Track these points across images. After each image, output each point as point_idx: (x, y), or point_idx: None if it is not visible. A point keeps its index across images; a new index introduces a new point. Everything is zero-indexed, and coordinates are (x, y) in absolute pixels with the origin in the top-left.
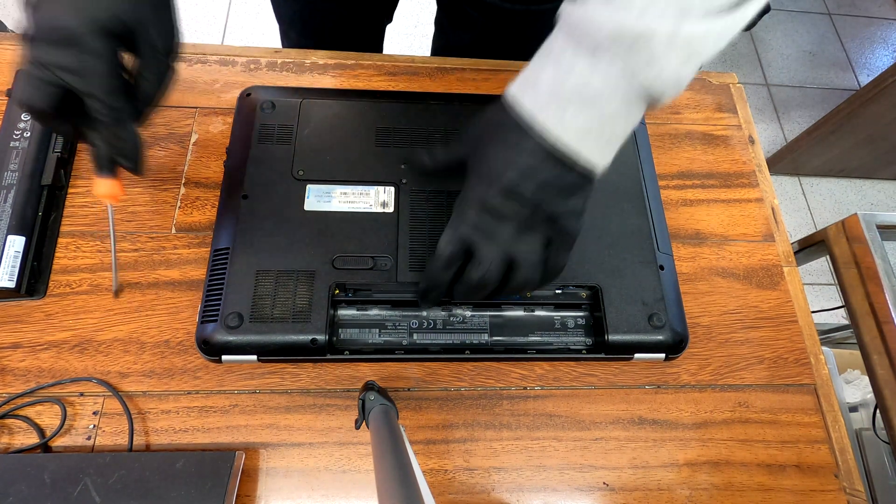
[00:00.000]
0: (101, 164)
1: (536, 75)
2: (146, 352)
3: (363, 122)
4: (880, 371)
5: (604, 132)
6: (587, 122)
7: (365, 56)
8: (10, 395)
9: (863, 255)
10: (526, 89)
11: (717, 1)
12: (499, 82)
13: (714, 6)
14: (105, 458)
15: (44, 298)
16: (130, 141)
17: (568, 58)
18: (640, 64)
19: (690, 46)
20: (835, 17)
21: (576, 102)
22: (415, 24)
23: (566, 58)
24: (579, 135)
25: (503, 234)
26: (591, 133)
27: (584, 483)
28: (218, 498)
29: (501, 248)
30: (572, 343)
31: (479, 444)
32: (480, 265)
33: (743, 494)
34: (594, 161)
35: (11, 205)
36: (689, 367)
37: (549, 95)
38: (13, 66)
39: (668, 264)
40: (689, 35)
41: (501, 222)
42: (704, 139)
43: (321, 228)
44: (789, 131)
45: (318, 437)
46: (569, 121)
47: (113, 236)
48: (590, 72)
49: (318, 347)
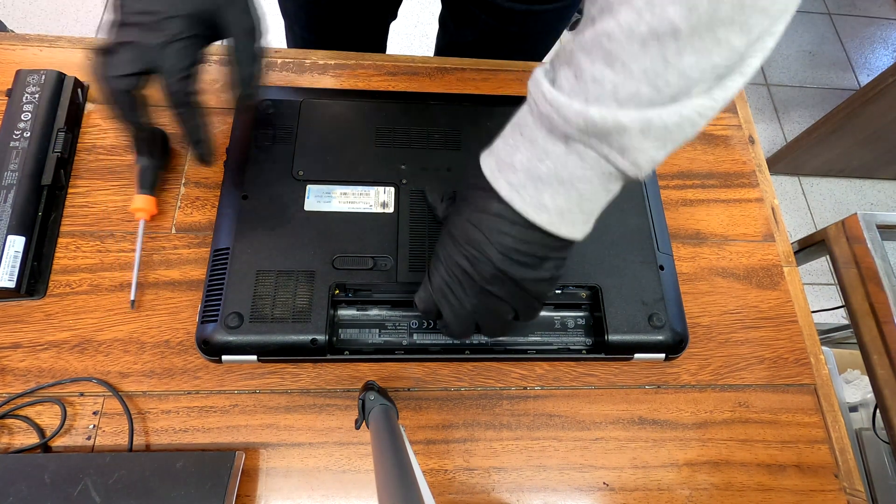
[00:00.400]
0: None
1: (511, 155)
2: (146, 352)
3: (363, 122)
4: (880, 371)
5: (583, 209)
6: (566, 203)
7: (365, 56)
8: (10, 395)
9: (863, 255)
10: (503, 168)
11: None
12: (499, 82)
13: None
14: (105, 458)
15: (44, 298)
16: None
17: (541, 142)
18: (613, 153)
19: (665, 135)
20: (835, 17)
21: (553, 185)
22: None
23: (539, 142)
24: (559, 215)
25: (468, 298)
26: (570, 212)
27: (584, 483)
28: (218, 498)
29: (465, 311)
30: (572, 343)
31: (479, 444)
32: (446, 327)
33: (743, 494)
34: (573, 235)
35: (11, 205)
36: (689, 367)
37: (525, 176)
38: (13, 66)
39: (668, 264)
40: (662, 124)
41: (466, 286)
42: (704, 139)
43: (321, 228)
44: (789, 131)
45: (318, 437)
46: (547, 201)
47: (139, 252)
48: (564, 157)
49: (318, 347)
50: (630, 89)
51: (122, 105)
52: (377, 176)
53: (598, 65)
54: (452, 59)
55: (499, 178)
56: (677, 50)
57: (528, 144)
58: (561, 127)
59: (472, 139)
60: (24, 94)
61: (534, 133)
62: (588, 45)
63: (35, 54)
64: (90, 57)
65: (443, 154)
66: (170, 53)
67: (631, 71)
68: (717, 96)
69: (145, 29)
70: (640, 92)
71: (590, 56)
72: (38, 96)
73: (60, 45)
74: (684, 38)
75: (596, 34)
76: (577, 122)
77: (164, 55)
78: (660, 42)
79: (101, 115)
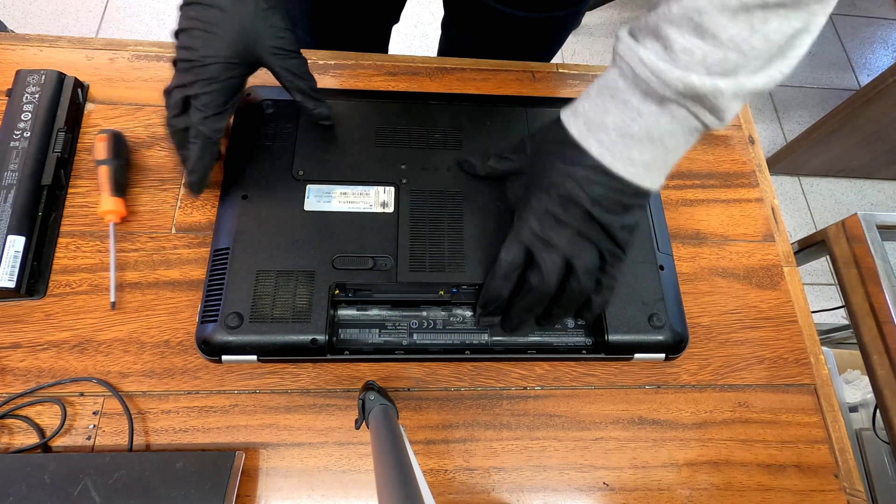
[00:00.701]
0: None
1: (601, 117)
2: (146, 352)
3: (363, 122)
4: (880, 371)
5: (666, 162)
6: (653, 157)
7: (365, 56)
8: (10, 395)
9: (863, 255)
10: (592, 128)
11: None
12: (499, 82)
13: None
14: (105, 458)
15: (44, 298)
16: (205, 163)
17: (635, 103)
18: (705, 111)
19: (751, 95)
20: (835, 17)
21: (643, 142)
22: (415, 23)
23: (633, 103)
24: (644, 168)
25: (561, 239)
26: (654, 165)
27: (584, 483)
28: (218, 498)
29: (560, 252)
30: (572, 343)
31: (479, 444)
32: (540, 268)
33: (743, 494)
34: (653, 186)
35: (11, 205)
36: (689, 367)
37: (617, 136)
38: (13, 66)
39: (668, 264)
40: (751, 87)
41: (560, 229)
42: (704, 139)
43: (321, 228)
44: (789, 131)
45: (318, 437)
46: (636, 157)
47: (113, 253)
48: (657, 117)
49: (318, 347)
50: (718, 56)
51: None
52: (377, 176)
53: (688, 36)
54: (452, 59)
55: (588, 137)
56: (763, 18)
57: (620, 106)
58: (659, 90)
59: (472, 139)
60: (24, 94)
61: (626, 96)
62: (677, 19)
63: (35, 54)
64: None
65: (443, 154)
66: (201, 95)
67: (720, 41)
68: (792, 55)
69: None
70: (728, 58)
71: (680, 29)
72: (38, 96)
73: (60, 45)
74: (772, 5)
75: (685, 9)
76: (677, 86)
77: (196, 97)
78: (748, 12)
79: (100, 115)
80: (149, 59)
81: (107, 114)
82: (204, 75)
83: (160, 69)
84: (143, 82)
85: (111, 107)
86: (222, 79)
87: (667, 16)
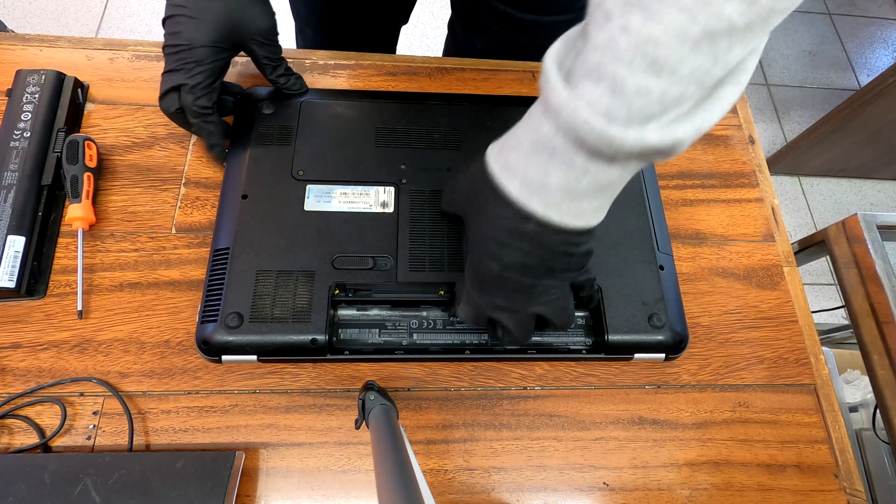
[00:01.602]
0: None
1: (542, 178)
2: (146, 352)
3: (363, 122)
4: (880, 371)
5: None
6: (601, 203)
7: (365, 56)
8: (10, 395)
9: (863, 256)
10: (534, 190)
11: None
12: (498, 82)
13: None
14: (105, 458)
15: (44, 298)
16: (214, 133)
17: (580, 164)
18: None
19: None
20: (835, 17)
21: (591, 193)
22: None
23: (577, 163)
24: (593, 212)
25: (522, 303)
26: (603, 206)
27: (584, 483)
28: (218, 498)
29: (525, 312)
30: (572, 343)
31: (479, 444)
32: (509, 331)
33: (743, 494)
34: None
35: (11, 205)
36: (689, 367)
37: (562, 195)
38: (13, 66)
39: (668, 264)
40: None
41: (518, 295)
42: (704, 139)
43: (321, 228)
44: (789, 131)
45: (318, 437)
46: (585, 208)
47: (81, 260)
48: (605, 171)
49: (318, 347)
50: (676, 92)
51: (176, 120)
52: (377, 176)
53: (640, 75)
54: (452, 59)
55: (531, 197)
56: (728, 46)
57: (562, 167)
58: (609, 153)
59: (472, 139)
60: (24, 94)
61: (569, 156)
62: (626, 54)
63: (35, 54)
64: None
65: (443, 154)
66: (190, 77)
67: (681, 76)
68: (742, 80)
69: (174, 55)
70: (687, 93)
71: (630, 66)
72: (38, 96)
73: (60, 45)
74: (739, 32)
75: (635, 42)
76: (632, 150)
77: (185, 79)
78: (712, 41)
79: (100, 115)
80: (149, 59)
81: (107, 114)
82: (191, 59)
83: (160, 69)
84: (143, 82)
85: (111, 107)
86: (208, 62)
87: (613, 52)
